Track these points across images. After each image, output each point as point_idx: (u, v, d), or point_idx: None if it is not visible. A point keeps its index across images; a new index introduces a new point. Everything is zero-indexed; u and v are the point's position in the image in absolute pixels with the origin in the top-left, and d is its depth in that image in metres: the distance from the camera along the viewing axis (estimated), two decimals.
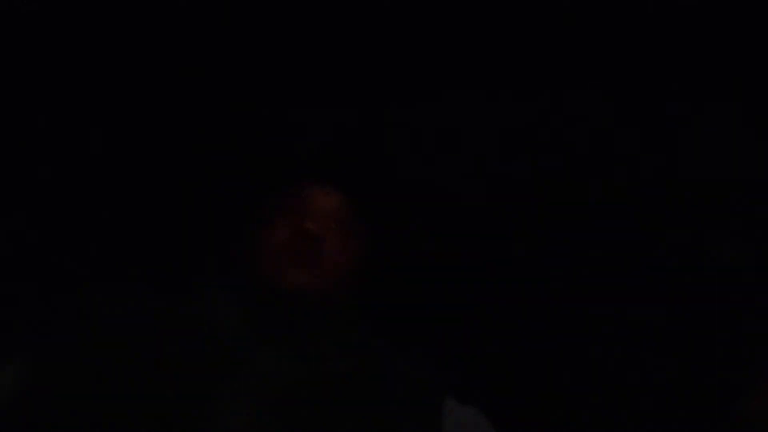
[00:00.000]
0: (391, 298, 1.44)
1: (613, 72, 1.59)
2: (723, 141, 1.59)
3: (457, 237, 1.62)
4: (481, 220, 1.62)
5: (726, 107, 1.58)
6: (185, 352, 1.08)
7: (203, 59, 1.56)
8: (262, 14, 1.55)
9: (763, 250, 1.55)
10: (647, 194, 1.62)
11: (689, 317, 1.56)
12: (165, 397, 1.02)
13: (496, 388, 1.33)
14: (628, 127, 1.62)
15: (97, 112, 1.55)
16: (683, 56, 1.56)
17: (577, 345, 1.56)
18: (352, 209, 1.26)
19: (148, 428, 1.00)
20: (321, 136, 1.59)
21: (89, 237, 1.50)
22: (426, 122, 1.62)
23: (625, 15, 1.54)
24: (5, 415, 1.02)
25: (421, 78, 1.60)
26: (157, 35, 1.54)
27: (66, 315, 1.12)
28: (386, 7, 1.54)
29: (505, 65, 1.59)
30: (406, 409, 1.10)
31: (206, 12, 1.54)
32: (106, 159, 1.55)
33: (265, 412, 1.03)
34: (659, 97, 1.60)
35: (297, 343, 1.14)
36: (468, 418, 1.16)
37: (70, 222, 1.50)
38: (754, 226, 1.57)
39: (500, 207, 1.62)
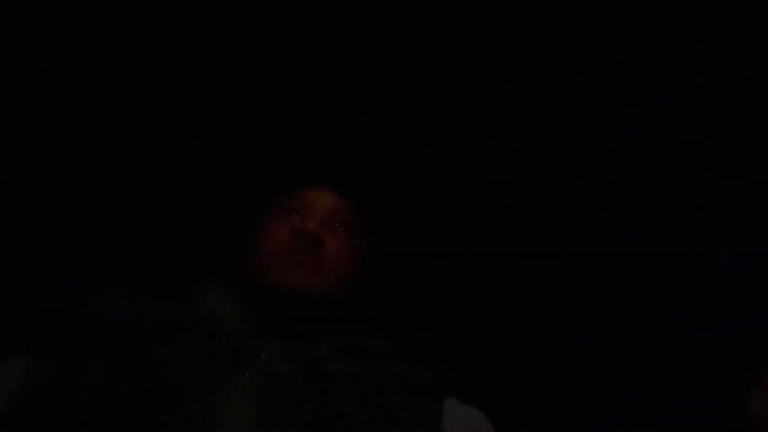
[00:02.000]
0: (391, 298, 1.44)
1: (615, 73, 1.60)
2: (723, 142, 1.59)
3: (457, 237, 1.63)
4: (482, 220, 1.63)
5: (725, 109, 1.58)
6: (185, 352, 1.08)
7: (203, 59, 1.56)
8: (263, 14, 1.55)
9: (763, 250, 1.56)
10: (647, 194, 1.62)
11: (689, 317, 1.56)
12: (164, 397, 1.02)
13: (496, 388, 1.33)
14: (629, 129, 1.62)
15: (98, 113, 1.55)
16: (685, 59, 1.56)
17: (576, 345, 1.56)
18: (352, 209, 1.26)
19: (147, 428, 1.00)
20: (321, 136, 1.59)
21: (90, 237, 1.50)
22: (426, 122, 1.62)
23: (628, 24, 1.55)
24: (5, 415, 1.02)
25: (422, 78, 1.60)
26: (158, 35, 1.54)
27: (66, 315, 1.11)
28: (387, 8, 1.55)
29: (506, 64, 1.60)
30: (406, 409, 1.10)
31: (207, 12, 1.54)
32: (107, 159, 1.55)
33: (265, 412, 1.03)
34: (660, 99, 1.60)
35: (297, 343, 1.14)
36: (468, 418, 1.16)
37: (70, 222, 1.50)
38: (753, 227, 1.57)
39: (501, 207, 1.62)
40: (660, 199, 1.62)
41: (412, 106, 1.61)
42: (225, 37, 1.55)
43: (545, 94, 1.61)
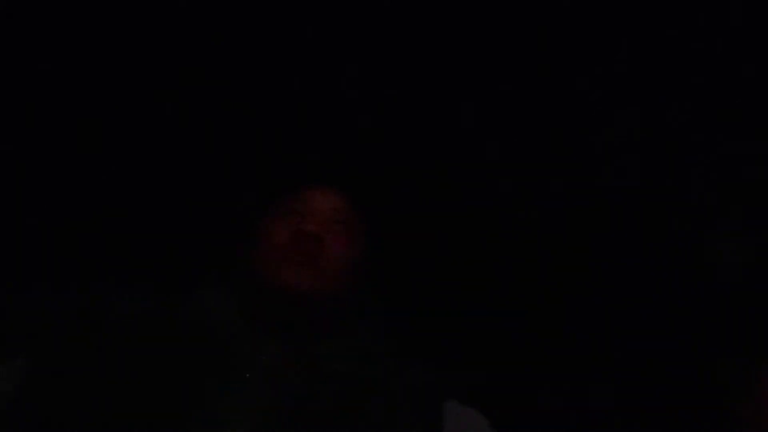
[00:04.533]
0: (392, 298, 1.44)
1: (615, 73, 1.60)
2: (723, 142, 1.59)
3: (457, 237, 1.63)
4: (483, 220, 1.63)
5: (725, 109, 1.58)
6: (185, 352, 1.08)
7: (203, 59, 1.57)
8: (263, 14, 1.55)
9: (763, 250, 1.56)
10: (647, 195, 1.62)
11: (689, 317, 1.56)
12: (165, 397, 1.02)
13: (496, 389, 1.33)
14: (629, 129, 1.62)
15: (99, 113, 1.55)
16: (685, 59, 1.56)
17: (576, 345, 1.56)
18: (352, 209, 1.26)
19: (147, 428, 1.00)
20: (322, 136, 1.59)
21: (90, 237, 1.51)
22: (426, 122, 1.62)
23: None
24: (5, 415, 1.02)
25: (422, 78, 1.60)
26: (158, 35, 1.54)
27: (66, 315, 1.12)
28: (387, 8, 1.55)
29: (506, 64, 1.60)
30: (406, 409, 1.10)
31: (207, 12, 1.54)
32: (108, 159, 1.55)
33: (265, 412, 1.03)
34: (660, 99, 1.60)
35: (297, 343, 1.14)
36: (468, 419, 1.16)
37: (70, 222, 1.50)
38: (754, 226, 1.57)
39: (501, 208, 1.62)
40: (659, 198, 1.62)
41: (412, 106, 1.61)
42: (225, 37, 1.55)
43: (545, 94, 1.61)
